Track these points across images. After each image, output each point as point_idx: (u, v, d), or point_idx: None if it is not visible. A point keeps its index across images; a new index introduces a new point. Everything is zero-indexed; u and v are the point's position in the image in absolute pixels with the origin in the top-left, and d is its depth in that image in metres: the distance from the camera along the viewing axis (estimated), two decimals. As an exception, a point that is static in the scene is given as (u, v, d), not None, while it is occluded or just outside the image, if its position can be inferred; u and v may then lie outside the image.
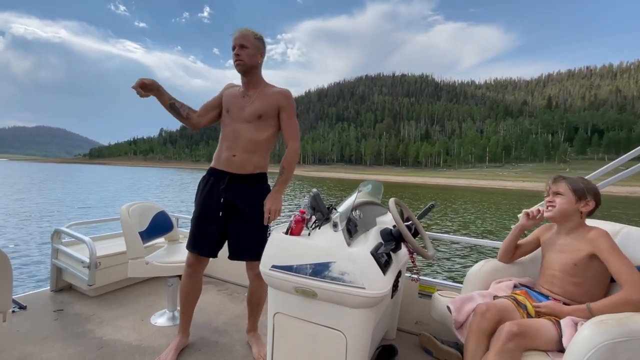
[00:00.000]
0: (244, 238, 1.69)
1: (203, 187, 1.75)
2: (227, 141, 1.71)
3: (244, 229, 1.69)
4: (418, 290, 2.10)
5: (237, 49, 1.64)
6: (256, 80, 1.74)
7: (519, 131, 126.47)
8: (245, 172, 1.69)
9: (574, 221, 1.44)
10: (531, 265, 1.68)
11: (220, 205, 1.69)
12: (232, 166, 1.68)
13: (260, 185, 1.74)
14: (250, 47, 1.64)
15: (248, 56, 1.65)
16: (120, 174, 50.25)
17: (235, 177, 1.69)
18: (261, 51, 1.71)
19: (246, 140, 1.68)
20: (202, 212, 1.73)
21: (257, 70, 1.72)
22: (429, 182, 63.41)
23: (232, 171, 1.69)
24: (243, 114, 1.69)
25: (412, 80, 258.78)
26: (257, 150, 1.71)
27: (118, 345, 1.84)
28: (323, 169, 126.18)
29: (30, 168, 72.81)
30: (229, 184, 1.68)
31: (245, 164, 1.68)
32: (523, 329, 1.16)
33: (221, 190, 1.69)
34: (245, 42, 1.63)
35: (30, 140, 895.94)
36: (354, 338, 1.29)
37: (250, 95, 1.72)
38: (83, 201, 16.19)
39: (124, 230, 2.11)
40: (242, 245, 1.70)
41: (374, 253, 1.31)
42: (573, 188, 1.43)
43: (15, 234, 8.47)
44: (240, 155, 1.67)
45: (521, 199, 28.25)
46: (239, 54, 1.63)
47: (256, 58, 1.68)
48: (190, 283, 1.81)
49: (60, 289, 2.54)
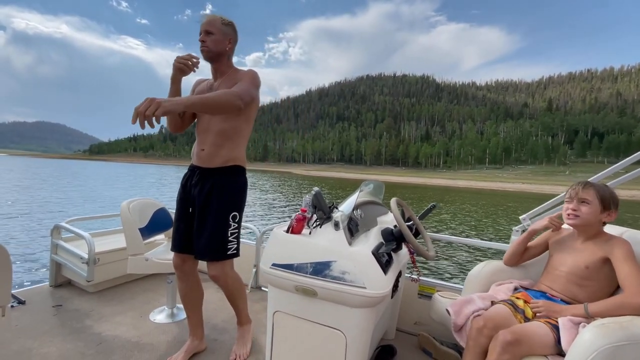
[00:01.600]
0: (203, 235, 1.59)
1: (181, 182, 1.73)
2: (199, 135, 1.67)
3: (206, 226, 1.59)
4: (418, 290, 2.10)
5: (202, 35, 1.57)
6: (223, 68, 1.65)
7: (519, 133, 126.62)
8: (213, 166, 1.61)
9: (594, 230, 1.41)
10: (534, 267, 1.67)
11: (190, 201, 1.66)
12: (201, 160, 1.63)
13: (229, 178, 1.63)
14: (217, 33, 1.57)
15: (214, 42, 1.57)
16: (120, 171, 50.19)
17: (205, 171, 1.63)
18: (229, 37, 1.62)
19: (214, 133, 1.61)
20: (177, 209, 1.72)
21: (224, 57, 1.64)
22: (428, 182, 63.46)
23: (202, 165, 1.63)
24: None
25: (413, 80, 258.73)
26: (226, 141, 1.62)
27: (117, 342, 1.83)
28: (323, 168, 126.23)
29: (33, 163, 72.70)
30: (199, 178, 1.64)
31: (214, 157, 1.61)
32: (517, 336, 1.14)
33: (191, 185, 1.66)
34: (210, 28, 1.56)
35: (30, 135, 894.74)
36: (353, 338, 1.29)
37: (217, 84, 1.65)
38: (83, 196, 16.18)
39: (124, 227, 2.11)
40: (202, 243, 1.60)
41: (375, 253, 1.31)
42: (601, 197, 1.37)
43: (15, 228, 8.46)
44: (208, 149, 1.61)
45: (521, 200, 28.28)
46: (204, 41, 1.56)
47: (223, 44, 1.60)
48: (182, 285, 1.75)
49: (60, 285, 2.53)
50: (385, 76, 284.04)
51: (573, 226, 1.44)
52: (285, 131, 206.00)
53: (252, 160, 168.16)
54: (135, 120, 1.08)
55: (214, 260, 1.61)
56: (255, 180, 39.62)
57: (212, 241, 1.58)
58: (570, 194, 1.44)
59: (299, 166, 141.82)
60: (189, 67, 1.54)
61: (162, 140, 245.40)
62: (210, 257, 1.60)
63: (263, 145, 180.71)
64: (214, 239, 1.58)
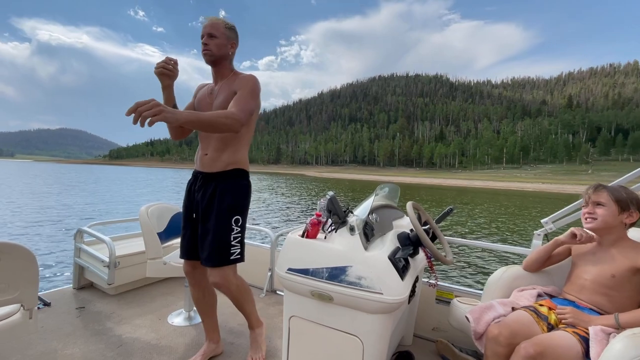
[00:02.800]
0: (206, 240, 1.58)
1: (186, 190, 1.74)
2: (201, 141, 1.67)
3: (208, 230, 1.58)
4: (435, 295, 2.06)
5: (205, 38, 1.57)
6: (225, 71, 1.65)
7: (538, 131, 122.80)
8: (215, 170, 1.61)
9: (617, 233, 1.35)
10: (557, 273, 1.61)
11: (193, 207, 1.67)
12: (204, 165, 1.63)
13: (229, 184, 1.62)
14: (220, 37, 1.57)
15: (216, 46, 1.57)
16: (138, 175, 51.58)
17: (207, 176, 1.63)
18: (232, 41, 1.63)
19: (215, 138, 1.60)
20: (183, 216, 1.72)
21: (226, 61, 1.64)
22: (444, 183, 62.39)
23: (204, 170, 1.63)
24: (210, 109, 1.62)
25: (427, 80, 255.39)
26: (228, 146, 1.61)
27: (136, 344, 1.87)
28: (336, 170, 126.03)
29: (57, 169, 75.63)
30: (202, 183, 1.64)
31: (215, 161, 1.61)
32: (540, 348, 1.08)
33: (194, 190, 1.66)
34: (214, 31, 1.56)
35: (53, 141, 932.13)
36: (370, 344, 1.27)
37: (216, 90, 1.64)
38: (105, 201, 16.70)
39: (143, 231, 2.16)
40: (205, 248, 1.58)
41: (391, 258, 1.29)
42: (616, 198, 1.33)
43: (41, 231, 8.81)
44: (211, 154, 1.61)
45: (542, 201, 27.41)
46: (207, 44, 1.56)
47: (226, 48, 1.60)
48: (194, 291, 1.76)
49: (82, 287, 2.62)
50: (398, 76, 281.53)
51: (592, 230, 1.39)
52: (297, 133, 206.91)
53: (265, 163, 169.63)
54: (131, 113, 1.08)
55: (216, 266, 1.57)
56: (271, 182, 39.90)
57: (215, 246, 1.55)
58: (584, 199, 1.42)
59: (312, 168, 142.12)
60: (171, 70, 1.53)
61: (178, 145, 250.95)
62: (213, 262, 1.56)
63: (276, 148, 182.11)
64: (216, 243, 1.55)
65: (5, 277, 1.08)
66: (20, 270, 1.11)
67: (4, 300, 1.10)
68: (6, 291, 1.10)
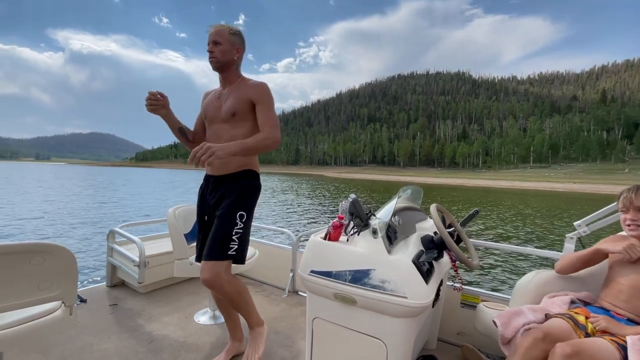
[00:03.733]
0: (211, 233, 1.58)
1: (198, 194, 1.77)
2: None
3: (215, 224, 1.59)
4: (460, 300, 2.01)
5: (211, 46, 1.60)
6: (232, 77, 1.68)
7: (568, 129, 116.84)
8: (227, 172, 1.64)
9: None
10: (591, 278, 1.53)
11: (206, 210, 1.69)
12: (214, 169, 1.66)
13: (239, 183, 1.63)
14: (224, 43, 1.60)
15: (221, 53, 1.60)
16: (164, 177, 53.48)
17: (219, 178, 1.66)
18: (237, 47, 1.65)
19: (225, 139, 1.60)
20: (198, 221, 1.75)
21: (233, 67, 1.67)
22: (467, 183, 60.57)
23: (215, 173, 1.66)
24: (219, 114, 1.65)
25: (448, 77, 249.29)
26: None
27: (165, 341, 1.95)
28: (355, 170, 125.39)
29: (89, 171, 79.75)
30: (214, 187, 1.67)
31: (227, 164, 1.62)
32: (576, 350, 1.04)
33: (206, 194, 1.69)
34: (218, 38, 1.59)
35: (84, 145, 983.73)
36: (395, 347, 1.26)
37: (225, 94, 1.67)
38: (135, 202, 17.46)
39: (171, 232, 2.24)
40: (207, 243, 1.57)
41: (415, 261, 1.28)
42: None
43: (76, 231, 9.33)
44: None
45: (575, 202, 26.10)
46: (212, 51, 1.60)
47: (231, 54, 1.63)
48: (214, 293, 1.79)
49: (115, 285, 2.75)
50: (418, 74, 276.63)
51: (637, 238, 1.32)
52: (316, 134, 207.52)
53: (284, 164, 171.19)
54: (191, 161, 1.27)
55: (209, 259, 1.51)
56: (292, 183, 40.23)
57: (214, 238, 1.54)
58: (623, 203, 1.33)
59: (331, 169, 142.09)
60: (161, 103, 1.57)
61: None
62: (208, 255, 1.52)
63: (295, 149, 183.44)
64: (216, 236, 1.54)
65: (49, 276, 1.16)
66: (61, 270, 1.18)
67: (47, 298, 1.18)
68: (50, 289, 1.17)
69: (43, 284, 1.14)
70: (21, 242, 1.07)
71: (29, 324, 1.17)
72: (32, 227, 9.81)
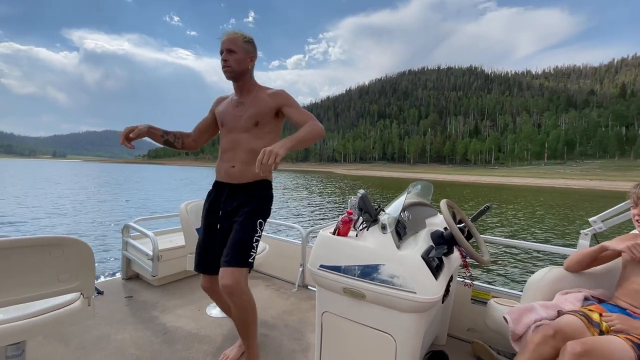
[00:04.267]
0: (228, 243, 1.55)
1: (206, 200, 1.72)
2: (226, 153, 1.64)
3: (231, 234, 1.57)
4: (471, 296, 2.00)
5: (225, 54, 1.55)
6: (248, 85, 1.65)
7: (585, 124, 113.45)
8: (245, 181, 1.61)
9: None
10: (606, 275, 1.51)
11: (219, 218, 1.65)
12: (231, 177, 1.62)
13: (259, 191, 1.63)
14: (239, 52, 1.55)
15: (236, 62, 1.56)
16: (176, 174, 54.33)
17: (235, 187, 1.62)
18: (251, 55, 1.61)
19: (245, 151, 1.59)
20: (204, 229, 1.70)
21: (247, 75, 1.63)
22: (479, 180, 59.63)
23: (232, 182, 1.62)
24: (239, 123, 1.61)
25: (460, 72, 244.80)
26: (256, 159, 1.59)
27: (179, 332, 2.00)
28: (365, 167, 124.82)
29: (104, 168, 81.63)
30: (229, 194, 1.63)
31: (245, 173, 1.60)
32: (587, 347, 1.02)
33: (221, 202, 1.65)
34: (232, 46, 1.54)
35: (99, 143, 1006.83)
36: (403, 342, 1.27)
37: (244, 102, 1.63)
38: (149, 198, 17.82)
39: (183, 227, 2.29)
40: (227, 250, 1.54)
41: (425, 257, 1.28)
42: None
43: (93, 226, 9.59)
44: (239, 167, 1.60)
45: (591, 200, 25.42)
46: (227, 60, 1.55)
47: (245, 63, 1.59)
48: (217, 302, 1.79)
49: (130, 278, 2.83)
50: (429, 70, 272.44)
51: None
52: (325, 131, 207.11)
53: (294, 161, 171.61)
54: (260, 170, 1.24)
55: (231, 266, 1.48)
56: (303, 181, 40.35)
57: (237, 245, 1.52)
58: (633, 199, 1.33)
59: (340, 166, 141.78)
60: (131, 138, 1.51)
61: (211, 144, 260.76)
62: (230, 262, 1.49)
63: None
64: (239, 243, 1.52)
65: (68, 268, 1.20)
66: (80, 262, 1.22)
67: (67, 289, 1.23)
68: (69, 281, 1.22)
69: (62, 276, 1.19)
70: (42, 236, 1.11)
71: (51, 314, 1.21)
72: (51, 222, 10.14)
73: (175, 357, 1.76)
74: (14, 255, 1.06)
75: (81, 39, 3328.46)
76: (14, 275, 1.07)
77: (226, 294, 1.48)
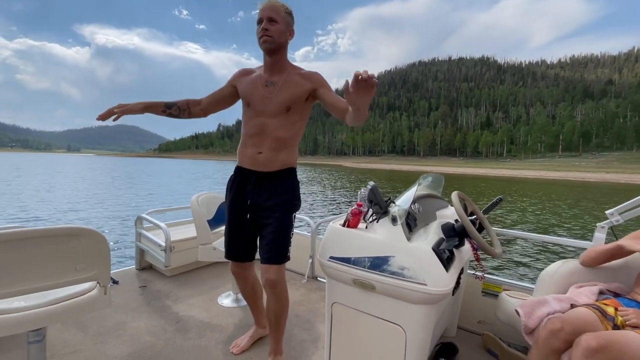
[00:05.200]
0: (267, 239, 1.53)
1: (230, 187, 1.64)
2: (252, 138, 1.54)
3: (268, 230, 1.53)
4: (482, 288, 1.99)
5: (265, 23, 1.40)
6: (282, 63, 1.51)
7: (602, 115, 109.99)
8: (272, 170, 1.54)
9: None
10: (623, 269, 1.47)
11: (248, 207, 1.58)
12: (258, 164, 1.53)
13: (286, 182, 1.57)
14: (280, 22, 1.42)
15: (278, 32, 1.42)
16: (187, 168, 55.01)
17: (262, 175, 1.54)
18: (290, 28, 1.49)
19: (273, 137, 1.50)
20: (232, 217, 1.63)
21: (284, 50, 1.51)
22: (490, 173, 58.62)
23: (259, 169, 1.54)
24: (268, 107, 1.49)
25: (471, 63, 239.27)
26: (285, 146, 1.54)
27: (191, 321, 2.05)
28: (374, 160, 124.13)
29: (117, 162, 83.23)
30: (256, 183, 1.55)
31: (272, 161, 1.52)
32: (603, 342, 0.99)
33: (247, 191, 1.57)
34: (275, 15, 1.41)
35: (111, 137, 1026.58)
36: (413, 334, 1.27)
37: (275, 83, 1.50)
38: (161, 190, 18.15)
39: (194, 218, 2.33)
40: (265, 247, 1.54)
41: (435, 249, 1.27)
42: None
43: (108, 218, 9.83)
44: (266, 153, 1.51)
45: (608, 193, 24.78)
46: (268, 29, 1.40)
47: (285, 36, 1.46)
48: (242, 286, 1.78)
49: (143, 268, 2.90)
50: (440, 61, 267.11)
51: None
52: (334, 124, 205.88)
53: (303, 154, 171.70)
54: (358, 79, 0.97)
55: (275, 263, 1.51)
56: (315, 174, 40.40)
57: (277, 244, 1.52)
58: None
59: (349, 159, 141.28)
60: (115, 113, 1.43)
61: (220, 138, 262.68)
62: (274, 259, 1.51)
63: (313, 139, 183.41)
64: (278, 241, 1.52)
65: (84, 258, 1.24)
66: (96, 252, 1.26)
67: (84, 278, 1.26)
68: (85, 270, 1.25)
69: (79, 265, 1.22)
70: (60, 226, 1.15)
71: (69, 301, 1.25)
72: (68, 214, 10.42)
73: (188, 344, 1.81)
74: (33, 244, 1.10)
75: (92, 34, 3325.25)
76: (34, 264, 1.11)
77: (269, 287, 1.52)
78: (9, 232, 1.05)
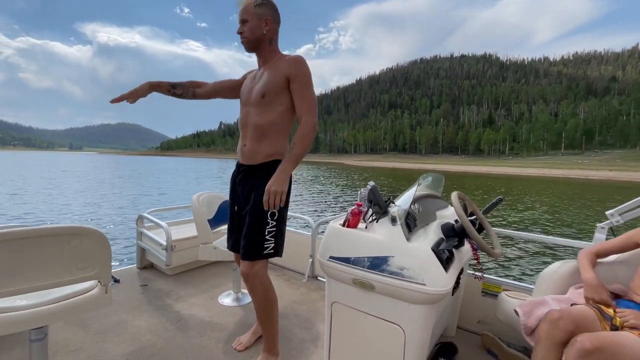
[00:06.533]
0: (243, 233, 1.54)
1: (230, 182, 1.71)
2: (241, 130, 1.59)
3: (245, 224, 1.55)
4: (481, 288, 1.99)
5: (240, 26, 1.49)
6: (267, 54, 1.53)
7: (605, 112, 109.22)
8: (256, 162, 1.54)
9: None
10: (622, 269, 1.47)
11: (237, 199, 1.64)
12: (244, 157, 1.57)
13: (268, 176, 1.49)
14: (251, 19, 1.47)
15: (250, 30, 1.47)
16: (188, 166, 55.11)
17: (249, 168, 1.56)
18: (266, 18, 1.48)
19: (251, 127, 1.52)
20: (230, 210, 1.71)
21: (265, 42, 1.51)
22: (492, 171, 58.38)
23: (245, 162, 1.57)
24: (250, 96, 1.54)
25: (473, 61, 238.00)
26: (265, 136, 1.51)
27: (192, 320, 2.06)
28: (375, 159, 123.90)
29: (119, 160, 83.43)
30: (243, 176, 1.59)
31: (255, 153, 1.53)
32: (598, 344, 0.98)
33: (237, 183, 1.63)
34: (244, 15, 1.47)
35: (113, 135, 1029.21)
36: (412, 333, 1.27)
37: (259, 75, 1.54)
38: (162, 189, 18.21)
39: (195, 217, 2.33)
40: (241, 241, 1.55)
41: (435, 249, 1.27)
42: None
43: (109, 216, 9.87)
44: (249, 145, 1.53)
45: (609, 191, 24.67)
46: (242, 31, 1.48)
47: (260, 29, 1.48)
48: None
49: (144, 267, 2.91)
50: (442, 58, 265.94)
51: None
52: (335, 122, 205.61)
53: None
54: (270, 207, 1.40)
55: (247, 259, 1.53)
56: (317, 173, 40.38)
57: (249, 239, 1.52)
58: None
59: (351, 157, 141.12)
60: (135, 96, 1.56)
61: (222, 136, 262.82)
62: (246, 255, 1.53)
63: (314, 137, 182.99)
64: (250, 237, 1.51)
65: (85, 257, 1.25)
66: (97, 251, 1.27)
67: (85, 277, 1.27)
68: (87, 269, 1.26)
69: (81, 264, 1.23)
70: (61, 225, 1.15)
71: (70, 300, 1.26)
72: (70, 213, 10.47)
73: (189, 343, 1.82)
74: (35, 244, 1.10)
75: (94, 32, 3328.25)
76: (35, 263, 1.12)
77: (243, 281, 1.56)
78: (11, 232, 1.05)
